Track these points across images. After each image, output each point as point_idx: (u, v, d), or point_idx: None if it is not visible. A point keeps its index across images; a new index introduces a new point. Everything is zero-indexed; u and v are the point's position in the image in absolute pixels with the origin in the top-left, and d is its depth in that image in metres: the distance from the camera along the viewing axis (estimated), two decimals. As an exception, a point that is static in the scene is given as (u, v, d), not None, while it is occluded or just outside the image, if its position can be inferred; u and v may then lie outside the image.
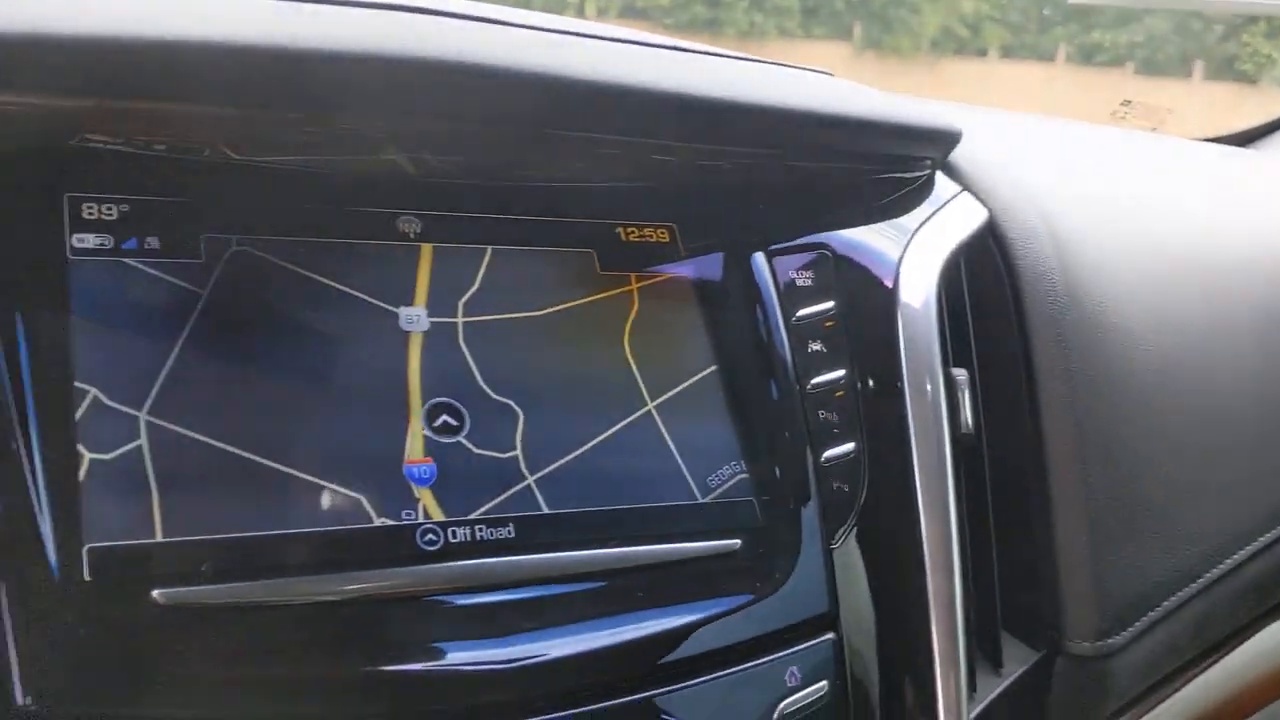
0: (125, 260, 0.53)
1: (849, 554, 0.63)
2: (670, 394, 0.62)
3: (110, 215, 0.54)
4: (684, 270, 0.66)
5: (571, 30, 0.66)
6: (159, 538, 0.49)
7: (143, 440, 0.50)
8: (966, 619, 0.64)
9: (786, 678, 0.58)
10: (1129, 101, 1.55)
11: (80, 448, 0.49)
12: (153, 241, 0.54)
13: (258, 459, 0.52)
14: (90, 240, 0.53)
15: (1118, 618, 0.72)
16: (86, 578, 0.47)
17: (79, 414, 0.49)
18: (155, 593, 0.47)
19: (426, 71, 0.54)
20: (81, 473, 0.49)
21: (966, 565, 0.65)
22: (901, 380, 0.65)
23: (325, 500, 0.53)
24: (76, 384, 0.50)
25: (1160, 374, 0.79)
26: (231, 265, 0.55)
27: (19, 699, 0.45)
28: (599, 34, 0.68)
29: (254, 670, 0.49)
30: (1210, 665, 0.83)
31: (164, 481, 0.50)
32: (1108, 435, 0.73)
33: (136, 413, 0.51)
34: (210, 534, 0.50)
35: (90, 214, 0.53)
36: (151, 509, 0.49)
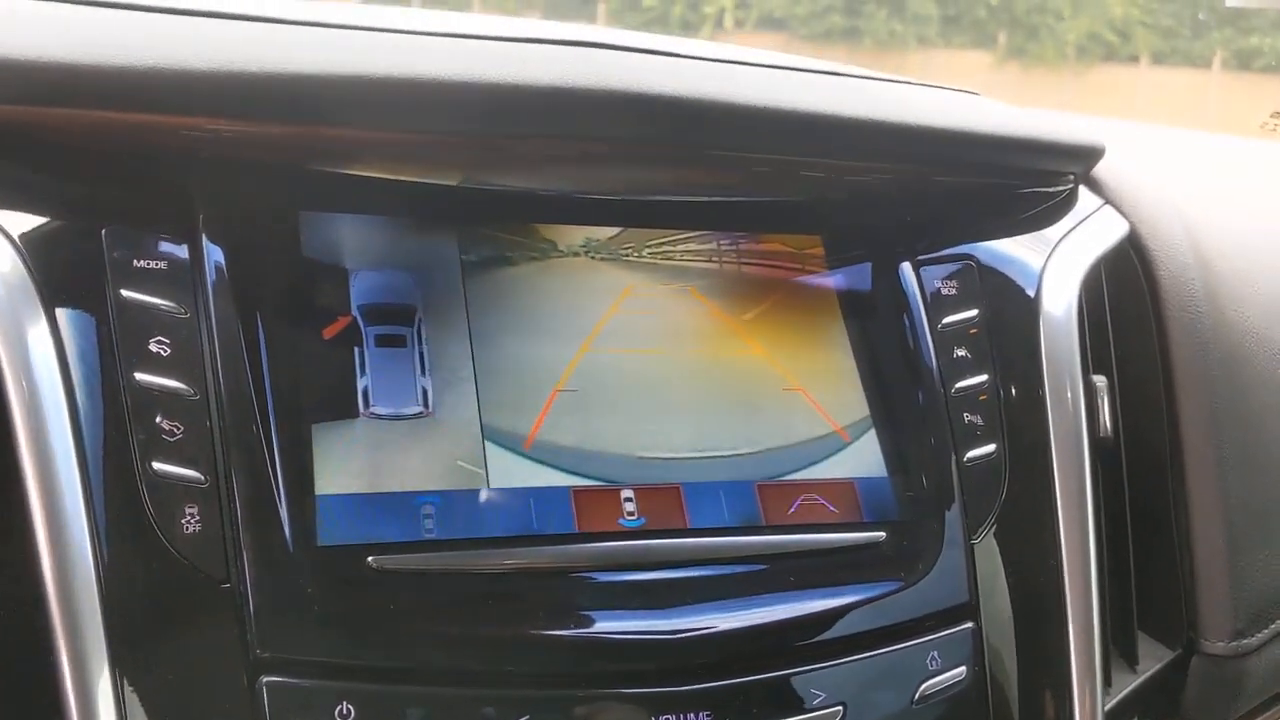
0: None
1: (989, 550, 0.66)
2: (819, 395, 0.67)
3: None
4: (832, 277, 0.70)
5: (729, 58, 0.71)
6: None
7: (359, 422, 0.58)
8: (1103, 616, 0.67)
9: (928, 661, 0.62)
10: (1279, 113, 1.53)
11: (311, 430, 0.56)
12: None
13: (454, 445, 0.59)
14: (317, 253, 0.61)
15: (1253, 619, 0.74)
16: (319, 544, 0.54)
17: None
18: (369, 559, 0.54)
19: (610, 101, 0.60)
20: (313, 449, 0.56)
21: (1103, 565, 0.68)
22: (1043, 386, 0.69)
23: None
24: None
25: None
26: (434, 276, 0.63)
27: (256, 649, 0.52)
28: (751, 60, 0.73)
29: (447, 628, 0.55)
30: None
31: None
32: (1247, 442, 0.75)
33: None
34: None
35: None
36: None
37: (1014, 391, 0.70)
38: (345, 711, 0.51)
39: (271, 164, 0.62)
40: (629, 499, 0.61)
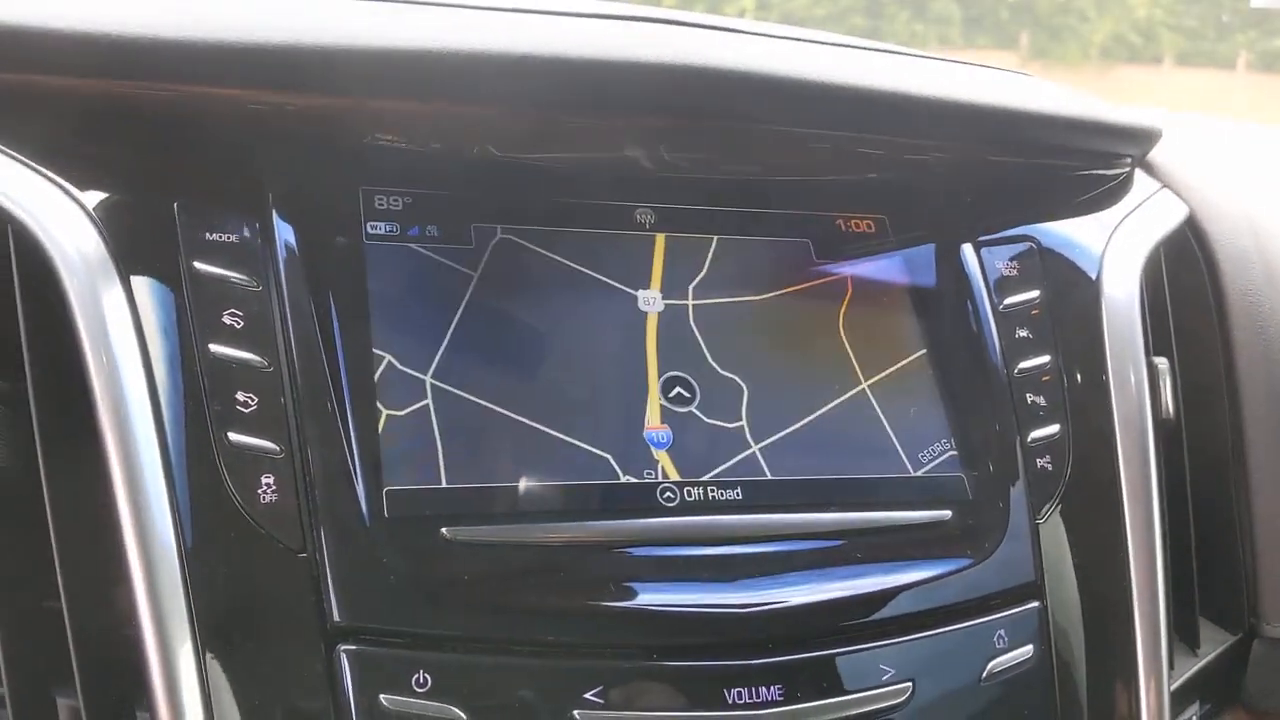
0: (410, 245, 0.61)
1: (1054, 529, 0.66)
2: (883, 374, 0.67)
3: (397, 206, 0.62)
4: (895, 258, 0.70)
5: (785, 34, 0.71)
6: (443, 483, 0.56)
7: (428, 400, 0.58)
8: (1166, 598, 0.66)
9: (995, 640, 0.61)
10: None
11: (379, 405, 0.56)
12: (432, 229, 0.62)
13: (523, 419, 0.59)
14: (381, 228, 0.61)
15: None
16: (386, 515, 0.54)
17: (376, 376, 0.57)
18: (443, 530, 0.54)
19: (670, 75, 0.60)
20: (380, 426, 0.56)
21: (1166, 547, 0.68)
22: (1106, 368, 0.68)
23: (579, 458, 0.59)
24: (374, 350, 0.58)
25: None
26: (497, 251, 0.62)
27: (333, 617, 0.52)
28: (812, 38, 0.73)
29: (522, 599, 0.55)
30: None
31: (446, 436, 0.57)
32: None
33: (423, 376, 0.58)
34: (486, 482, 0.57)
35: (381, 205, 0.61)
36: (437, 459, 0.57)
37: (1077, 373, 0.69)
38: (422, 680, 0.52)
39: (337, 140, 0.62)
40: None
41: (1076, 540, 0.66)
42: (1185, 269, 0.78)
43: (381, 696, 0.51)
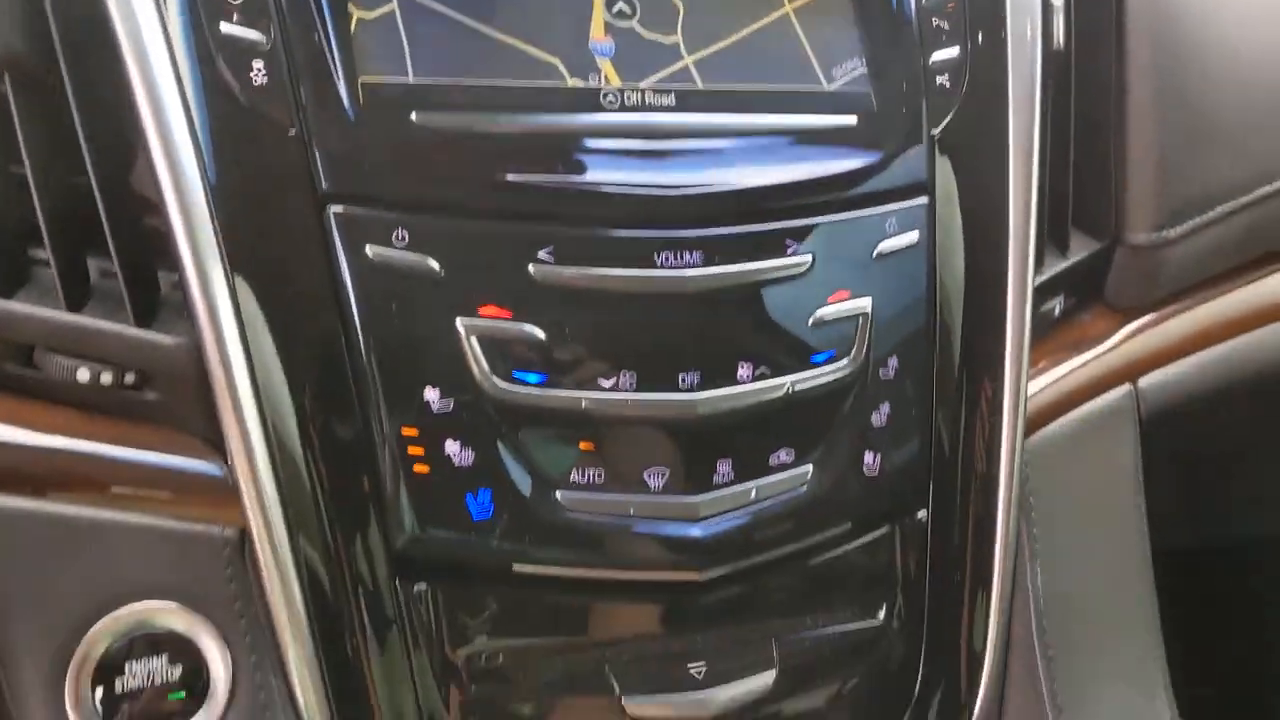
0: None
1: (947, 139, 0.75)
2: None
3: None
4: None
5: None
6: (411, 78, 0.64)
7: (394, 5, 0.65)
8: (1040, 203, 0.77)
9: (886, 225, 0.72)
10: None
11: (350, 7, 0.64)
12: None
13: (481, 27, 0.66)
14: None
15: (1174, 214, 0.85)
16: (361, 100, 0.63)
17: None
18: (412, 114, 0.63)
19: None
20: (353, 25, 0.64)
21: (1045, 160, 0.77)
22: (1004, 3, 0.76)
23: (531, 62, 0.67)
24: None
25: (1241, 23, 0.88)
26: None
27: (322, 184, 0.62)
28: None
29: (482, 173, 0.64)
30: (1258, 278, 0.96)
31: (412, 37, 0.65)
32: (1184, 59, 0.83)
33: None
34: (449, 78, 0.65)
35: None
36: (404, 56, 0.64)
37: (979, 4, 0.77)
38: (401, 235, 0.62)
39: None
40: None
41: (965, 149, 0.75)
42: None
43: (367, 247, 0.61)
